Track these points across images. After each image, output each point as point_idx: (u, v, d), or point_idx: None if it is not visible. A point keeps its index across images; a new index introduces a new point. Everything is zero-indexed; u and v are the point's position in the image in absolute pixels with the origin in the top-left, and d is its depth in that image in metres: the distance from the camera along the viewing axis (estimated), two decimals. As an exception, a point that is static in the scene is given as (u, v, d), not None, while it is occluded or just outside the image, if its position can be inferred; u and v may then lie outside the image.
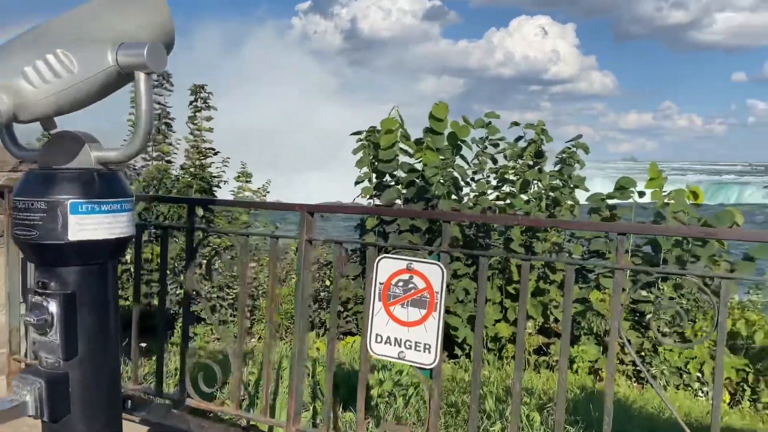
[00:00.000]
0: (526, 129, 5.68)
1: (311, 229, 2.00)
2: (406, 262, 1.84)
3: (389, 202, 6.13)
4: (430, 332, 1.76)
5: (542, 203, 5.53)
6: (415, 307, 1.78)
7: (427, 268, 1.79)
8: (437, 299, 1.76)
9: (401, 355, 1.78)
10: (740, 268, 5.43)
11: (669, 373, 4.97)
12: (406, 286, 1.80)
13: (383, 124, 6.01)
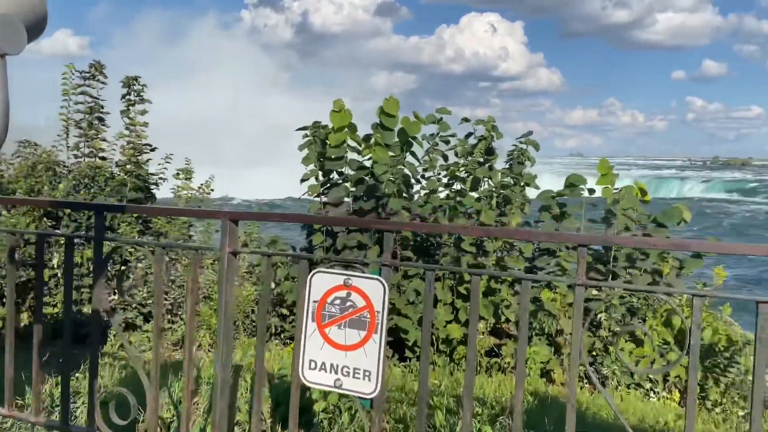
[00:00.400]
0: (476, 125, 5.54)
1: (235, 239, 1.76)
2: (343, 277, 1.63)
3: (337, 200, 5.90)
4: (370, 357, 1.55)
5: (493, 201, 5.40)
6: (354, 328, 1.58)
7: (367, 284, 1.58)
8: (378, 319, 1.56)
9: (338, 384, 1.57)
10: (688, 265, 5.44)
11: (620, 373, 4.91)
12: (343, 304, 1.60)
13: (333, 120, 5.76)
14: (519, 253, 5.49)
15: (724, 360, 4.93)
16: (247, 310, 5.93)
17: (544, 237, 4.07)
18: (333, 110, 5.68)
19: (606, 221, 5.76)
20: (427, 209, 5.43)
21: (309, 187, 5.94)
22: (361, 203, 5.75)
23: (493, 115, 5.42)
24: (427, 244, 5.87)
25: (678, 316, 5.11)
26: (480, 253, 5.43)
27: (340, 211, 5.90)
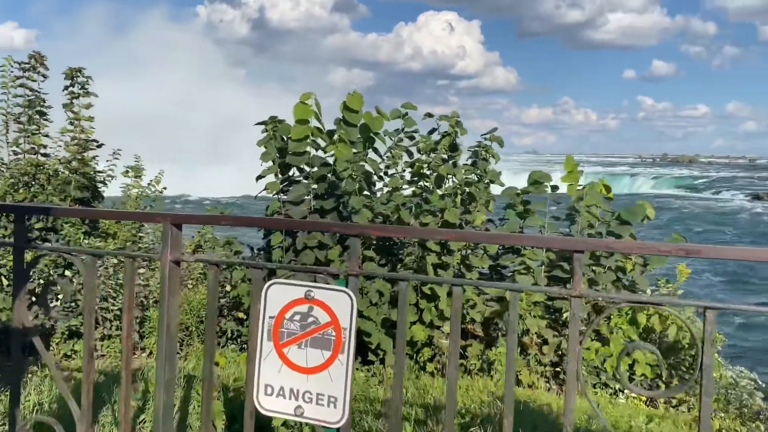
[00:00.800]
0: (440, 121, 5.37)
1: (178, 245, 1.54)
2: (304, 289, 1.42)
3: (297, 198, 5.66)
4: (336, 381, 1.35)
5: (457, 199, 5.25)
6: (317, 347, 1.38)
7: (332, 296, 1.38)
8: (345, 337, 1.36)
9: (299, 412, 1.37)
10: (653, 261, 5.40)
11: (587, 373, 4.83)
12: (304, 320, 1.39)
13: (297, 113, 5.50)
14: (483, 252, 5.36)
15: (689, 358, 4.90)
16: (201, 314, 5.64)
17: (543, 242, 3.82)
18: (299, 102, 5.41)
19: (570, 218, 5.68)
20: (390, 207, 5.24)
21: (267, 184, 5.68)
22: (321, 201, 5.52)
23: (457, 111, 5.26)
24: (389, 243, 5.69)
25: (643, 314, 5.07)
26: (444, 252, 5.27)
27: (301, 209, 5.67)
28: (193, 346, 5.47)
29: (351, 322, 1.35)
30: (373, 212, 5.35)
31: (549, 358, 4.96)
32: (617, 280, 5.35)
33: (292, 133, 5.48)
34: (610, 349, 5.00)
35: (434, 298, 5.34)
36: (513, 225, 5.48)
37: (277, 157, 5.71)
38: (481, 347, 5.14)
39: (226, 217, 1.79)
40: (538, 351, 4.97)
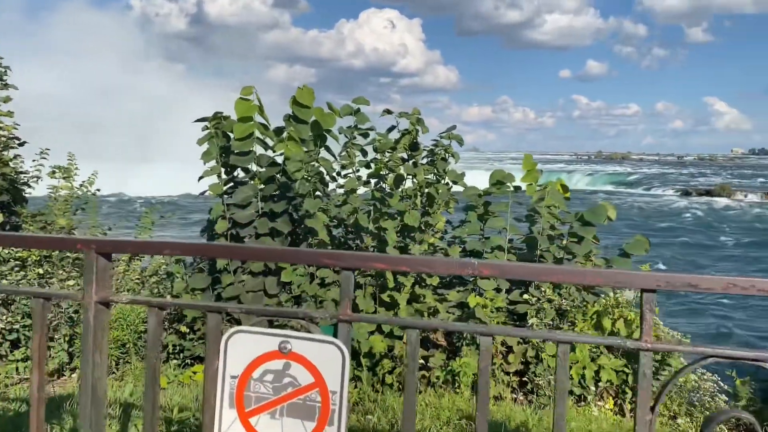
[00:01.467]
0: (400, 118, 5.06)
1: (105, 281, 1.17)
2: (278, 340, 1.08)
3: (243, 201, 5.25)
4: (324, 462, 1.02)
5: (417, 201, 4.97)
6: (297, 417, 1.04)
7: (316, 350, 1.05)
8: (335, 404, 1.03)
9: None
10: (616, 264, 5.26)
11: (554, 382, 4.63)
12: (278, 381, 1.05)
13: (238, 109, 5.09)
14: (444, 256, 5.09)
15: (655, 363, 4.78)
16: (141, 329, 5.16)
17: (611, 279, 2.88)
18: (240, 97, 5.01)
19: (530, 219, 5.50)
20: (347, 210, 4.91)
21: (210, 186, 5.25)
22: (271, 205, 5.13)
23: (418, 108, 4.96)
24: (345, 245, 5.36)
25: (608, 319, 4.92)
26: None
27: (247, 213, 5.26)
28: (132, 364, 4.99)
29: (342, 383, 1.02)
30: (328, 216, 5.01)
31: (515, 368, 4.74)
32: (586, 289, 5.19)
33: (234, 131, 5.07)
34: (576, 355, 4.82)
35: (394, 306, 5.04)
36: (474, 227, 5.24)
37: (220, 157, 5.29)
38: (444, 357, 4.88)
39: (168, 244, 1.43)
40: (503, 360, 4.75)
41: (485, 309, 4.70)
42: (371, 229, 4.90)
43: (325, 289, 4.96)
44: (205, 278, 5.42)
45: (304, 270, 5.00)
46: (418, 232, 4.98)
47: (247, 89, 5.08)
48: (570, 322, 5.02)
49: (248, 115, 4.96)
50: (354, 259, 1.35)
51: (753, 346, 11.14)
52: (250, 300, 5.18)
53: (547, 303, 4.90)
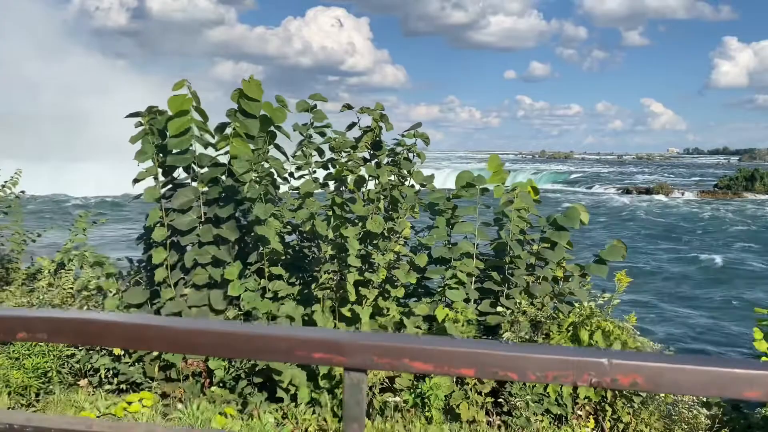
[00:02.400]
0: (361, 114, 4.59)
1: None
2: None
3: (183, 205, 4.69)
4: None
5: (380, 205, 4.51)
6: None
7: None
8: None
9: None
10: (592, 270, 4.94)
11: (532, 403, 4.26)
12: None
13: (172, 104, 4.53)
14: (410, 266, 4.65)
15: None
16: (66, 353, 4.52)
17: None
18: (173, 93, 4.45)
19: (498, 223, 5.12)
20: (302, 216, 4.40)
21: (145, 190, 4.66)
22: (215, 209, 4.58)
23: (381, 104, 4.50)
24: (301, 255, 4.85)
25: (585, 331, 4.58)
26: (367, 267, 4.52)
27: (188, 219, 4.70)
28: (56, 395, 4.34)
29: None
30: (281, 222, 4.49)
31: (489, 387, 4.35)
32: (560, 295, 4.85)
33: (169, 128, 4.51)
34: (553, 370, 4.47)
35: (355, 321, 4.57)
36: (441, 233, 4.82)
37: (156, 157, 4.70)
38: (412, 377, 4.44)
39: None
40: (476, 381, 4.34)
41: (456, 325, 4.28)
42: (330, 237, 4.42)
43: (278, 303, 4.45)
44: (143, 292, 4.83)
45: (255, 282, 4.48)
46: (382, 239, 4.52)
47: (179, 83, 4.53)
48: (545, 334, 4.67)
49: (183, 109, 4.41)
50: (367, 351, 0.90)
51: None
52: (193, 317, 4.62)
53: (522, 315, 4.53)
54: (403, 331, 4.51)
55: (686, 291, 17.20)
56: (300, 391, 4.42)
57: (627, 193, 58.86)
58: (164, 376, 4.68)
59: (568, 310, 4.84)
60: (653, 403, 4.56)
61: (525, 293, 4.82)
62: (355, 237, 4.31)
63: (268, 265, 4.49)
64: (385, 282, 4.55)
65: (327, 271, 4.36)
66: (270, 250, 4.42)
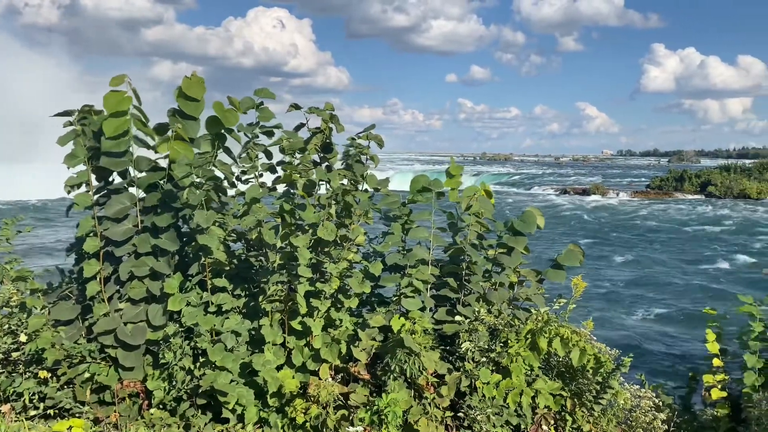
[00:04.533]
0: (309, 114, 4.32)
1: None
2: None
3: (119, 213, 4.32)
4: None
5: (332, 210, 4.26)
6: None
7: None
8: None
9: None
10: (549, 276, 4.84)
11: (493, 415, 4.10)
12: None
13: (108, 102, 4.15)
14: (364, 275, 4.43)
15: (595, 385, 4.39)
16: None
17: None
18: (110, 90, 4.09)
19: (453, 228, 4.96)
20: (249, 223, 4.11)
21: (76, 197, 4.26)
22: (153, 218, 4.23)
23: (331, 103, 4.24)
24: (247, 265, 4.55)
25: (544, 338, 4.46)
26: (318, 277, 4.27)
27: (124, 228, 4.33)
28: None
29: None
30: (225, 230, 4.18)
31: (447, 401, 4.17)
32: (516, 300, 4.73)
33: (105, 128, 4.14)
34: (512, 381, 4.34)
35: (306, 334, 4.31)
36: (396, 239, 4.62)
37: (89, 161, 4.32)
38: (367, 393, 4.22)
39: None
40: (435, 394, 4.16)
41: (415, 336, 4.07)
42: (279, 246, 4.14)
43: (222, 318, 4.14)
44: (73, 308, 4.42)
45: (197, 296, 4.16)
46: (335, 247, 4.28)
47: (118, 78, 4.15)
48: (503, 342, 4.53)
49: (121, 109, 4.04)
50: None
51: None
52: (129, 333, 4.25)
53: (480, 324, 4.37)
54: (357, 343, 4.27)
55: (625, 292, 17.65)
56: (247, 411, 4.13)
57: (564, 193, 60.54)
58: (97, 399, 4.30)
59: (525, 316, 4.73)
60: (612, 410, 4.49)
61: (482, 300, 4.67)
62: (305, 245, 4.05)
63: (211, 276, 4.17)
64: (337, 292, 4.30)
65: (275, 282, 4.08)
66: (213, 260, 4.11)
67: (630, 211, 43.56)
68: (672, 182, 58.92)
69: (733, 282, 19.15)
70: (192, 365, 4.04)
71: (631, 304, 15.77)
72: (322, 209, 4.27)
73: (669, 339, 12.01)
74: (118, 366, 4.27)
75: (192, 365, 4.04)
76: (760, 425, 4.17)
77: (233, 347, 4.01)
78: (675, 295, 17.05)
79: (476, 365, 4.30)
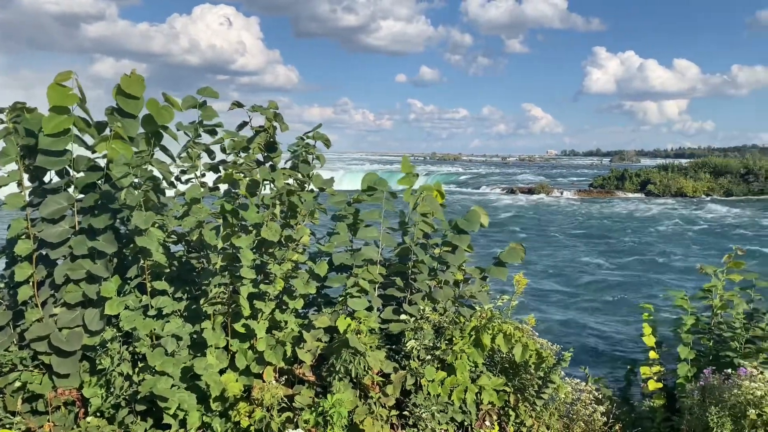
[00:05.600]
0: (252, 112, 4.26)
1: None
2: None
3: (55, 214, 4.16)
4: None
5: (276, 211, 4.22)
6: None
7: None
8: None
9: None
10: (492, 273, 4.92)
11: (438, 413, 4.14)
12: None
13: (52, 97, 3.99)
14: (310, 275, 4.40)
15: (538, 380, 4.49)
16: None
17: None
18: (55, 83, 3.93)
19: (403, 228, 5.00)
20: (189, 224, 4.02)
21: (7, 197, 4.08)
22: (90, 219, 4.09)
23: (275, 102, 4.19)
24: (188, 267, 4.45)
25: (487, 334, 4.53)
26: (262, 279, 4.22)
27: (60, 229, 4.17)
28: None
29: None
30: (164, 232, 4.08)
31: (393, 400, 4.18)
32: (461, 298, 4.79)
33: (45, 125, 3.98)
34: (457, 378, 4.39)
35: (250, 337, 4.25)
36: (343, 239, 4.61)
37: (21, 159, 4.14)
38: (312, 394, 4.19)
39: None
40: (380, 393, 4.16)
41: (360, 336, 4.07)
42: (221, 247, 4.07)
43: (162, 321, 4.03)
44: (3, 314, 4.23)
45: (136, 299, 4.04)
46: (279, 247, 4.23)
47: (65, 74, 4.00)
48: (447, 340, 4.58)
49: (65, 105, 3.89)
50: None
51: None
52: (64, 339, 4.10)
53: (426, 323, 4.41)
54: (302, 345, 4.24)
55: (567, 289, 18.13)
56: (189, 416, 4.04)
57: (511, 193, 61.72)
58: (30, 408, 4.13)
59: (470, 313, 4.80)
60: (553, 404, 4.60)
61: (428, 298, 4.71)
62: (248, 246, 3.99)
63: (151, 279, 4.06)
64: (282, 293, 4.26)
65: (217, 284, 4.01)
66: (152, 262, 4.00)
67: (574, 209, 44.77)
68: (614, 181, 60.85)
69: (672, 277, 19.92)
70: (131, 371, 3.93)
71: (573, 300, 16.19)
72: (267, 209, 4.21)
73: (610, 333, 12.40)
74: (52, 373, 4.11)
75: (131, 371, 3.93)
76: (692, 414, 4.34)
77: (174, 351, 3.92)
78: (617, 290, 17.61)
79: (421, 363, 4.33)
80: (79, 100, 3.99)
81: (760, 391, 3.93)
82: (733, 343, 4.90)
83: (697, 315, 5.16)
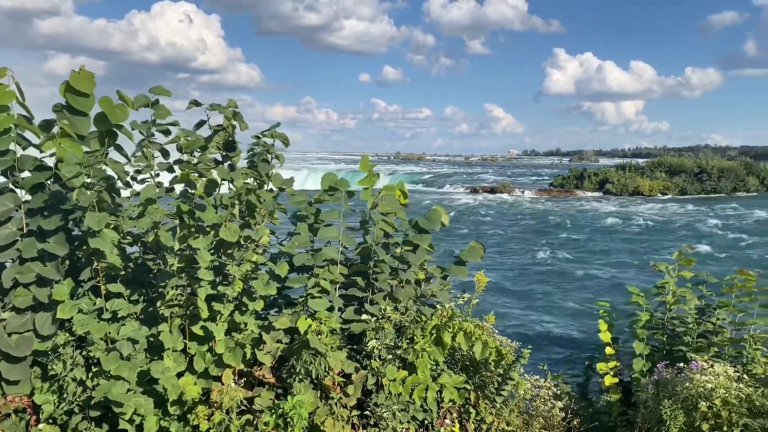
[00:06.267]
0: (211, 111, 4.19)
1: None
2: None
3: (1, 216, 4.02)
4: None
5: (235, 211, 4.16)
6: None
7: None
8: None
9: None
10: (452, 272, 4.95)
11: (399, 412, 4.14)
12: None
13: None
14: (270, 276, 4.34)
15: (497, 377, 4.53)
16: None
17: None
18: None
19: (364, 227, 4.98)
20: (145, 225, 3.93)
21: (-50, 198, 3.93)
22: (40, 220, 3.96)
23: (234, 100, 4.12)
24: (144, 269, 4.35)
25: (448, 333, 4.56)
26: (221, 280, 4.15)
27: (8, 231, 4.03)
28: None
29: None
30: (119, 233, 3.98)
31: (354, 400, 4.17)
32: (422, 297, 4.80)
33: (-18, 125, 3.84)
34: (418, 376, 4.40)
35: (208, 339, 4.18)
36: (303, 239, 4.57)
37: (-36, 159, 3.99)
38: (272, 396, 4.14)
39: None
40: (341, 394, 4.14)
41: (321, 337, 4.04)
42: (177, 248, 3.99)
43: (118, 325, 3.93)
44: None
45: (90, 302, 3.93)
46: (238, 248, 4.17)
47: (1, 71, 3.87)
48: (409, 339, 4.59)
49: (2, 103, 3.76)
50: None
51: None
52: (14, 344, 3.97)
53: (387, 322, 4.40)
54: (262, 347, 4.19)
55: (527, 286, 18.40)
56: (146, 421, 3.95)
57: (474, 192, 62.35)
58: (-23, 417, 3.98)
59: (431, 312, 4.82)
60: (513, 400, 4.65)
61: (389, 298, 4.71)
62: (205, 247, 3.92)
63: (105, 281, 3.96)
64: (242, 295, 4.20)
65: (174, 286, 3.93)
66: (107, 264, 3.90)
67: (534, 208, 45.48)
68: (573, 180, 62.04)
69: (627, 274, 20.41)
70: (85, 376, 3.82)
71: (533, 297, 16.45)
72: (225, 209, 4.15)
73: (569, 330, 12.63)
74: (1, 380, 3.97)
75: (85, 376, 3.82)
76: (647, 407, 4.45)
77: (130, 355, 3.83)
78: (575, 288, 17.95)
79: (383, 363, 4.32)
80: (16, 97, 3.86)
81: (711, 384, 4.05)
82: (686, 337, 5.03)
83: (651, 311, 5.28)
